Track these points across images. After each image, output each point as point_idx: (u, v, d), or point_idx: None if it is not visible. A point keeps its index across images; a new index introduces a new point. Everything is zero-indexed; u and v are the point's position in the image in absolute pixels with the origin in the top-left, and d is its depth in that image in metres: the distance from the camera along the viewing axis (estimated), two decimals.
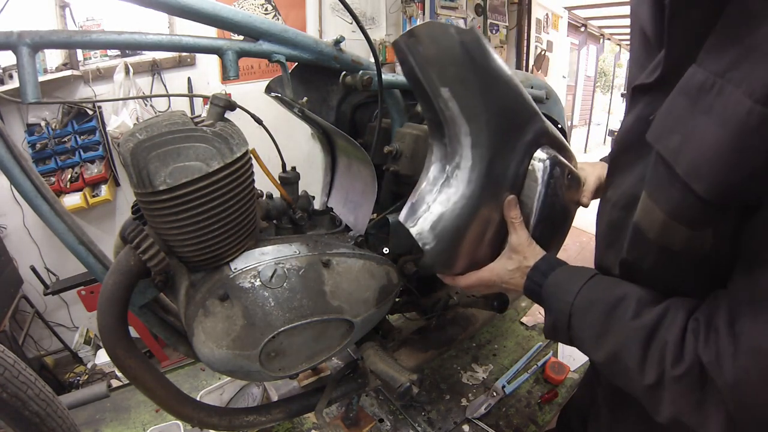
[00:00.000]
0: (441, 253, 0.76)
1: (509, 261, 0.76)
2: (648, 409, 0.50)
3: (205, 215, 0.62)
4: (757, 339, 0.39)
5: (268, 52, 0.66)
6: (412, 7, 3.07)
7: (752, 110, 0.35)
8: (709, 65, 0.39)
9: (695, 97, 0.40)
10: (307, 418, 1.23)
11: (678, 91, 0.43)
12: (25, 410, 0.82)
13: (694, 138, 0.40)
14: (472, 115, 0.71)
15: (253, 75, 2.73)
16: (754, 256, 0.42)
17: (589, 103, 8.18)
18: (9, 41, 0.54)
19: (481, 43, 0.70)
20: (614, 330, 0.53)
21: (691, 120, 0.40)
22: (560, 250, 0.98)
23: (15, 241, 2.30)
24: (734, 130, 0.36)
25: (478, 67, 0.70)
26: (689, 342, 0.45)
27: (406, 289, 1.01)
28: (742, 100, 0.35)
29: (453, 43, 0.66)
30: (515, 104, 0.76)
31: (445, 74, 0.67)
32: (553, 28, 4.63)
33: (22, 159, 0.64)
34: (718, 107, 0.38)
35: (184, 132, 0.59)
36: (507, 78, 0.74)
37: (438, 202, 0.74)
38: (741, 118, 0.36)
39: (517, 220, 0.78)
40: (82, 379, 2.23)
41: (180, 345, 0.80)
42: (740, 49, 0.36)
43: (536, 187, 0.80)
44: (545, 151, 0.80)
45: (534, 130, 0.79)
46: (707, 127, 0.39)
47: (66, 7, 2.19)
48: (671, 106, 0.44)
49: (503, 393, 1.31)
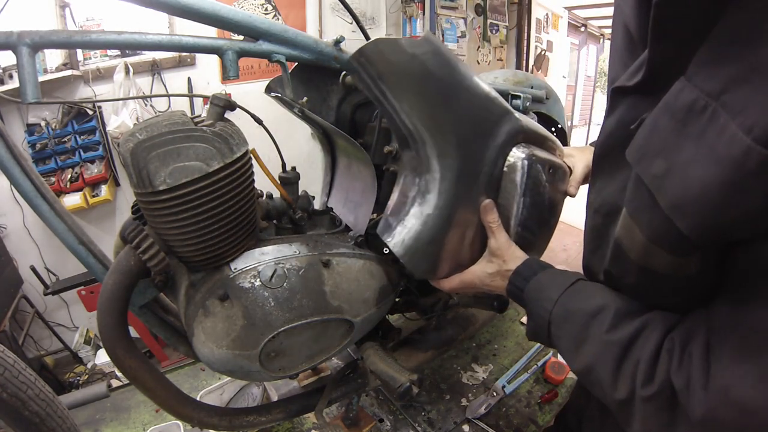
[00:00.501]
0: (420, 262, 0.77)
1: (489, 264, 0.77)
2: (620, 422, 0.50)
3: (205, 215, 0.62)
4: (728, 379, 0.37)
5: (268, 52, 0.66)
6: (412, 7, 3.06)
7: (750, 151, 0.29)
8: (700, 82, 0.34)
9: (683, 119, 0.35)
10: (307, 418, 1.23)
11: (663, 108, 0.38)
12: (25, 410, 0.82)
13: (680, 168, 0.35)
14: (434, 127, 0.70)
15: (253, 75, 2.73)
16: (737, 288, 0.40)
17: (589, 103, 8.17)
18: (9, 41, 0.54)
19: (439, 52, 0.68)
20: (590, 342, 0.53)
21: (678, 146, 0.35)
22: (561, 250, 0.99)
23: (15, 241, 2.30)
24: (727, 170, 0.31)
25: (436, 78, 0.68)
26: (662, 362, 0.43)
27: (406, 289, 1.01)
28: (739, 136, 0.30)
29: (404, 57, 0.65)
30: (481, 109, 0.75)
31: (400, 89, 0.66)
32: (553, 28, 4.62)
33: (22, 159, 0.64)
34: (710, 137, 0.33)
35: (184, 132, 0.59)
36: (469, 84, 0.72)
37: (411, 215, 0.75)
38: (737, 158, 0.30)
39: (495, 224, 0.78)
40: (82, 379, 2.23)
41: (180, 345, 0.80)
42: (739, 68, 0.31)
43: (514, 188, 0.79)
44: (521, 150, 0.79)
45: (506, 131, 0.78)
46: (696, 158, 0.34)
47: (66, 7, 2.19)
48: (654, 125, 0.38)
49: (503, 393, 1.31)
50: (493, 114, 0.77)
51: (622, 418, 0.48)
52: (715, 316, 0.41)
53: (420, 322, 1.21)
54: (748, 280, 0.38)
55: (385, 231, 0.77)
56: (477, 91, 0.74)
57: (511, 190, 0.80)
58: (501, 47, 3.80)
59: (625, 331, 0.49)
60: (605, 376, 0.49)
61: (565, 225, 3.56)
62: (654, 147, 0.39)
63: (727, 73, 0.32)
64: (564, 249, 2.82)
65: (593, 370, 0.51)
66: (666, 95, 0.37)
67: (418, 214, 0.75)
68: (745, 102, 0.30)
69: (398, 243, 0.76)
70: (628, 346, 0.48)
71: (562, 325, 0.58)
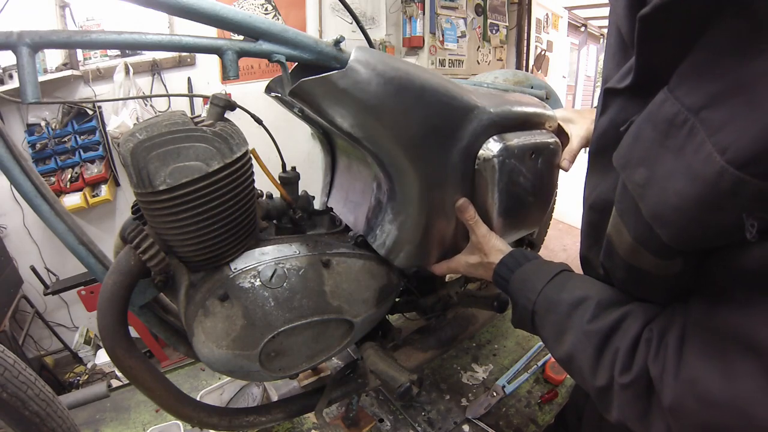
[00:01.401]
0: (406, 259, 0.80)
1: (471, 256, 0.80)
2: (600, 409, 0.51)
3: (205, 215, 0.62)
4: (696, 371, 0.39)
5: (268, 52, 0.66)
6: (412, 7, 3.06)
7: (723, 172, 0.30)
8: (681, 96, 0.34)
9: (664, 131, 0.36)
10: (307, 418, 1.23)
11: (646, 117, 0.39)
12: (25, 410, 0.82)
13: (660, 179, 0.37)
14: (387, 146, 0.70)
15: (253, 75, 2.73)
16: (710, 290, 0.41)
17: (589, 103, 8.17)
18: (9, 41, 0.54)
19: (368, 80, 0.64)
20: (572, 331, 0.54)
21: (658, 157, 0.36)
22: (561, 250, 0.99)
23: (15, 241, 2.30)
24: (702, 188, 0.32)
25: (372, 104, 0.65)
26: (641, 351, 0.45)
27: (406, 289, 1.01)
28: (714, 156, 0.30)
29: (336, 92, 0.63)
30: (437, 118, 0.72)
31: (343, 117, 0.65)
32: (553, 28, 4.63)
33: (22, 159, 0.64)
34: (688, 153, 0.33)
35: (184, 132, 0.59)
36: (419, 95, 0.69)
37: (387, 220, 0.78)
38: (711, 178, 0.31)
39: (472, 220, 0.79)
40: (82, 379, 2.23)
41: (180, 345, 0.80)
42: (719, 86, 0.31)
43: (488, 185, 0.80)
44: (494, 144, 0.78)
45: (471, 131, 0.76)
46: (674, 173, 0.35)
47: (66, 7, 2.19)
48: (638, 134, 0.40)
49: (503, 393, 1.31)
50: (452, 118, 0.74)
51: (602, 405, 0.50)
52: (691, 310, 0.43)
53: (420, 322, 1.21)
54: (719, 285, 0.39)
55: (369, 233, 0.80)
56: (430, 100, 0.70)
57: (485, 187, 0.80)
58: (501, 47, 3.80)
59: (606, 321, 0.50)
60: (586, 364, 0.51)
61: (565, 225, 3.57)
62: (637, 156, 0.40)
63: (707, 90, 0.32)
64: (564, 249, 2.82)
65: (575, 359, 0.53)
66: (650, 104, 0.38)
67: (392, 219, 0.77)
68: (723, 121, 0.30)
69: (380, 245, 0.79)
70: (609, 335, 0.49)
71: (546, 315, 0.60)
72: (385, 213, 0.78)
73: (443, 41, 3.23)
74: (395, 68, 0.67)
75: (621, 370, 0.46)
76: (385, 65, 0.66)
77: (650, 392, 0.43)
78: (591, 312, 0.53)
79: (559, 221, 3.47)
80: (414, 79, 0.69)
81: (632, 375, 0.45)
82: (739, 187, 0.30)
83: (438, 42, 3.20)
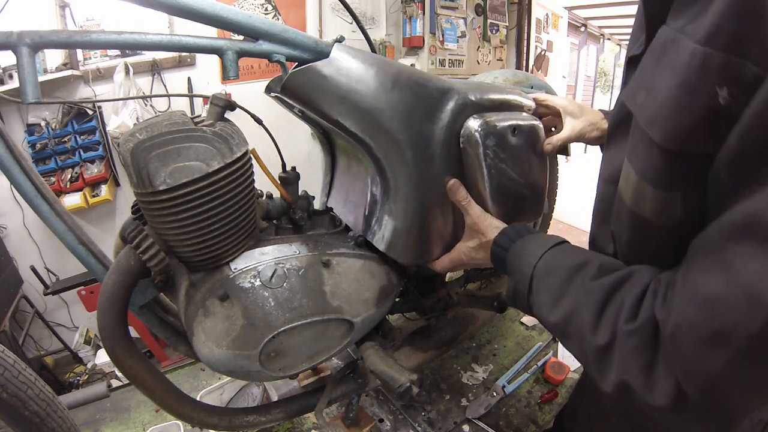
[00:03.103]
0: (406, 253, 0.81)
1: (470, 240, 0.79)
2: (595, 376, 0.48)
3: (205, 215, 0.62)
4: (696, 280, 0.37)
5: (268, 52, 0.66)
6: (412, 7, 3.06)
7: (695, 51, 0.36)
8: (673, 23, 0.41)
9: (659, 54, 0.42)
10: (307, 418, 1.23)
11: (648, 52, 0.45)
12: (25, 410, 0.82)
13: (654, 90, 0.41)
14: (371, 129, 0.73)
15: (253, 75, 2.73)
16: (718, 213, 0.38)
17: (590, 103, 8.18)
18: (9, 41, 0.54)
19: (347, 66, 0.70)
20: (573, 291, 0.52)
21: (654, 75, 0.42)
22: None
23: (15, 241, 2.30)
24: (680, 72, 0.38)
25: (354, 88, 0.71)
26: (647, 301, 0.43)
27: (406, 289, 1.01)
28: (688, 44, 0.37)
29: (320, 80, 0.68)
30: (415, 98, 0.76)
31: (329, 105, 0.70)
32: (553, 28, 4.63)
33: (22, 159, 0.64)
34: (671, 56, 0.39)
35: (184, 132, 0.59)
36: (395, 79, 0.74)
37: (383, 212, 0.79)
38: (686, 60, 0.37)
39: (465, 201, 0.79)
40: (82, 379, 2.23)
41: (180, 345, 0.80)
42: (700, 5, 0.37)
43: (474, 161, 0.81)
44: (473, 121, 0.80)
45: (450, 110, 0.79)
46: (662, 75, 0.40)
47: (66, 7, 2.19)
48: (642, 67, 0.46)
49: (503, 393, 1.31)
50: (429, 99, 0.78)
51: (600, 367, 0.46)
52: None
53: (420, 322, 1.21)
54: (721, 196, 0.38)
55: (367, 230, 0.80)
56: (407, 82, 0.75)
57: (473, 164, 0.81)
58: (501, 47, 3.80)
59: (611, 277, 0.48)
60: (587, 320, 0.48)
61: (565, 225, 3.56)
62: (638, 83, 0.46)
63: (691, 11, 0.38)
64: None
65: (572, 320, 0.50)
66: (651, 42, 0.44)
67: (388, 210, 0.78)
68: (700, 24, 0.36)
69: (380, 240, 0.79)
70: (614, 289, 0.47)
71: (545, 278, 0.57)
72: (381, 205, 0.79)
73: (443, 41, 3.23)
74: (372, 56, 0.74)
75: (626, 319, 0.43)
76: (364, 54, 0.73)
77: (656, 341, 0.40)
78: (594, 272, 0.50)
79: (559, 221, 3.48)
80: (390, 64, 0.76)
81: (638, 322, 0.42)
82: (706, 62, 0.35)
83: (438, 42, 3.20)
